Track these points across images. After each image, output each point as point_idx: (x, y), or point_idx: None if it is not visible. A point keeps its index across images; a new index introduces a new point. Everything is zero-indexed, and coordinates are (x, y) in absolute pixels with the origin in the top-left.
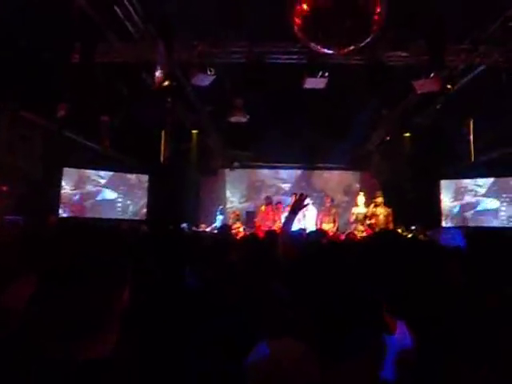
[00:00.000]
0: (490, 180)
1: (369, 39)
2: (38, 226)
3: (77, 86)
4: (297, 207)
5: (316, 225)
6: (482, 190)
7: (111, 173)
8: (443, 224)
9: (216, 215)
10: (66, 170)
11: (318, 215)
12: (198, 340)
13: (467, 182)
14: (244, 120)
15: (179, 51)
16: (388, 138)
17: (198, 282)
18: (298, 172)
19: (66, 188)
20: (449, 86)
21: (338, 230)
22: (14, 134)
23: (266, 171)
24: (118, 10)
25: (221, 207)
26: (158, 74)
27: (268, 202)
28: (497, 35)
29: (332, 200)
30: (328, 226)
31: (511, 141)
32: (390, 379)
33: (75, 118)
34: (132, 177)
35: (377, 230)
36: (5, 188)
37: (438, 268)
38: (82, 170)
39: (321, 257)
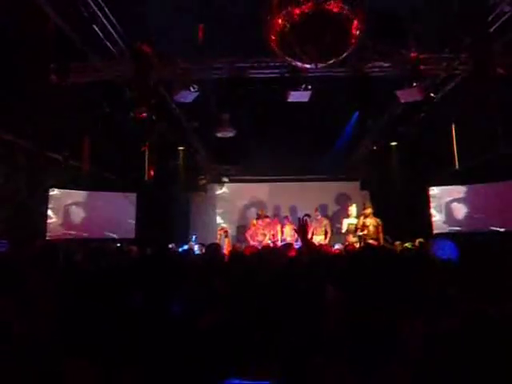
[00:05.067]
0: (476, 186)
1: (347, 53)
2: (23, 249)
3: (55, 106)
4: (303, 233)
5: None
6: (469, 196)
7: (99, 192)
8: (434, 231)
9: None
10: (52, 191)
11: (310, 227)
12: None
13: (454, 188)
14: (231, 134)
15: (161, 69)
16: (375, 148)
17: (182, 309)
18: (289, 184)
19: (53, 209)
20: (432, 95)
21: (329, 241)
22: None
23: (255, 185)
24: (96, 29)
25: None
26: None
27: (259, 215)
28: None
29: (321, 211)
30: (319, 238)
31: (494, 147)
32: None
33: (58, 137)
34: (120, 195)
35: (368, 240)
36: None
37: (426, 282)
38: (69, 191)
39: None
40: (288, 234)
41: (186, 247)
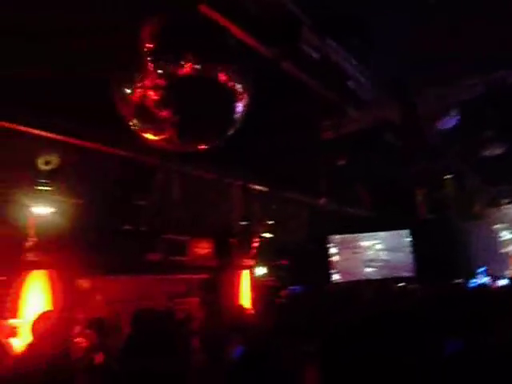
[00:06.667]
0: None
1: None
2: (317, 292)
3: (333, 159)
4: None
5: None
6: None
7: (373, 233)
8: None
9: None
10: (331, 238)
11: None
12: None
13: None
14: (499, 151)
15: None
16: None
17: None
18: None
19: (334, 254)
20: None
21: None
22: (286, 214)
23: None
24: (350, 84)
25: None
26: None
27: None
28: None
29: None
30: None
31: None
32: None
33: (333, 189)
34: (394, 234)
35: None
36: (284, 262)
37: None
38: (346, 235)
39: None
40: None
41: (476, 281)
